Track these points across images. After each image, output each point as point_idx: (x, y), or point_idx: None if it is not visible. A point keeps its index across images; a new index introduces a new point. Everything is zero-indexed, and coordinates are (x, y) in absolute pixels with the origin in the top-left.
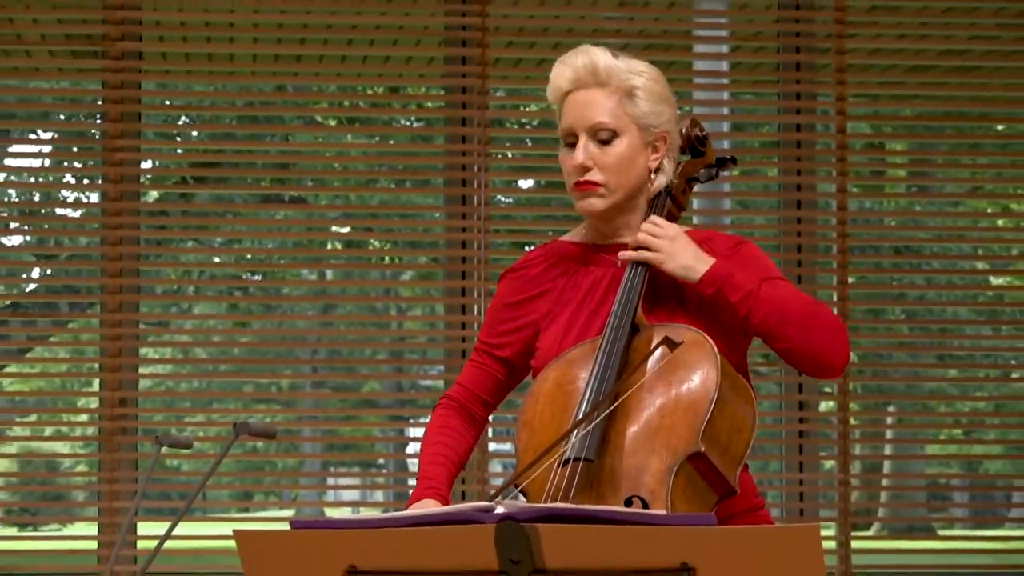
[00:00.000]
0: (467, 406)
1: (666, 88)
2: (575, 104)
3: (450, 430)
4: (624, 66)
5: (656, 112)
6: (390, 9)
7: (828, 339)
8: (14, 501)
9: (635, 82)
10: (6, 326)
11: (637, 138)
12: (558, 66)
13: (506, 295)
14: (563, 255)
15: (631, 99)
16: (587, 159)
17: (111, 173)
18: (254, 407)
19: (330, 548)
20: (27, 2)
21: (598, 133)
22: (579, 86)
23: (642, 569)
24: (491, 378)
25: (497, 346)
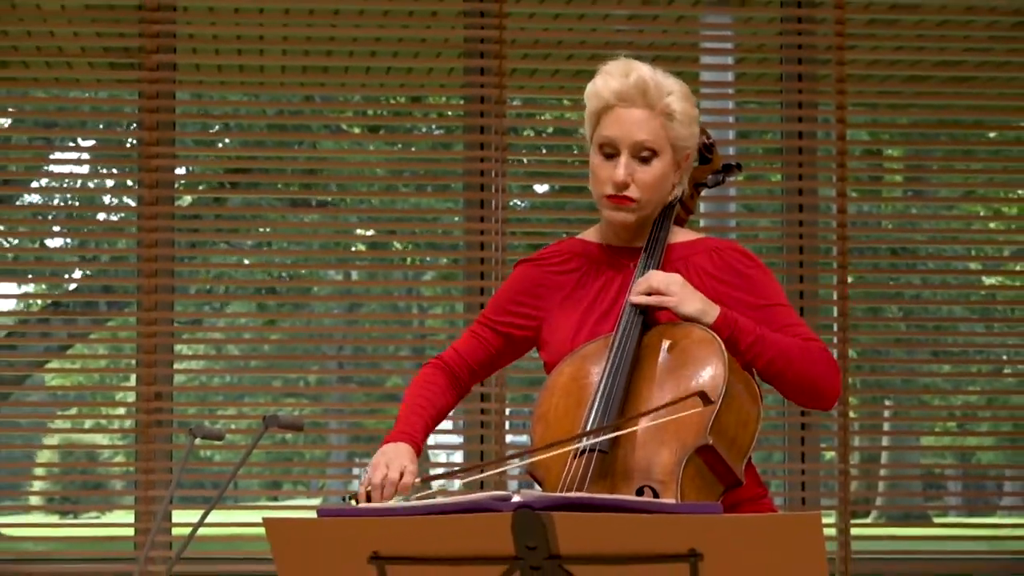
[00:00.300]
0: (455, 370)
1: (695, 106)
2: (621, 120)
3: (435, 386)
4: (664, 86)
5: (690, 134)
6: (412, 23)
7: (823, 378)
8: (55, 490)
9: (675, 105)
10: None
11: (671, 158)
12: (604, 76)
13: (520, 280)
14: (579, 252)
15: (671, 121)
16: (628, 177)
17: (147, 179)
18: (283, 401)
19: (355, 535)
20: (67, 16)
21: (640, 152)
22: (625, 102)
23: (652, 555)
24: (486, 351)
25: (501, 323)
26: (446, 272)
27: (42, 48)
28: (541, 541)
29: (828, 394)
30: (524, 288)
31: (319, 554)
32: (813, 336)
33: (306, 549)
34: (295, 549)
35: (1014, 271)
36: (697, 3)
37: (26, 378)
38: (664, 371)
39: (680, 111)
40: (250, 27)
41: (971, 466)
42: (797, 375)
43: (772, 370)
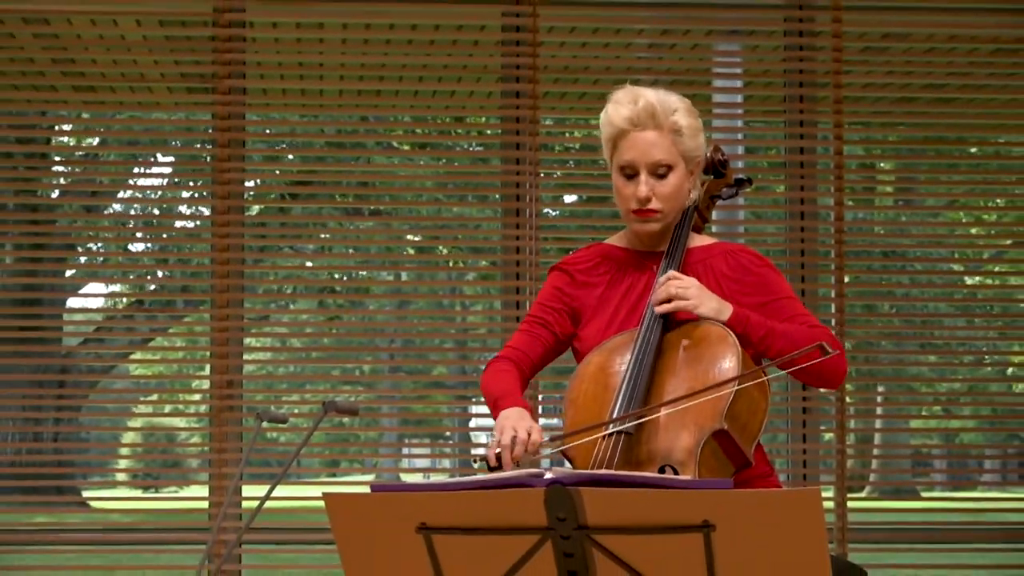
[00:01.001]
0: (520, 364)
1: (698, 118)
2: (637, 143)
3: (510, 374)
4: (669, 105)
5: (697, 145)
6: (455, 51)
7: (828, 361)
8: (139, 467)
9: (681, 121)
10: (132, 320)
11: (684, 168)
12: (615, 105)
13: (557, 283)
14: (607, 256)
15: (680, 137)
16: (649, 193)
17: (219, 191)
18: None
19: (404, 508)
20: (149, 46)
21: (657, 169)
22: (637, 127)
23: (669, 526)
24: (539, 343)
25: (548, 321)
26: (485, 273)
27: (126, 75)
28: (570, 513)
29: (834, 377)
30: (561, 290)
31: (372, 525)
32: (819, 324)
33: (361, 520)
34: (351, 520)
35: (993, 272)
36: (709, 33)
37: (112, 368)
38: (683, 364)
39: (686, 126)
40: (311, 55)
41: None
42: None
43: (782, 357)
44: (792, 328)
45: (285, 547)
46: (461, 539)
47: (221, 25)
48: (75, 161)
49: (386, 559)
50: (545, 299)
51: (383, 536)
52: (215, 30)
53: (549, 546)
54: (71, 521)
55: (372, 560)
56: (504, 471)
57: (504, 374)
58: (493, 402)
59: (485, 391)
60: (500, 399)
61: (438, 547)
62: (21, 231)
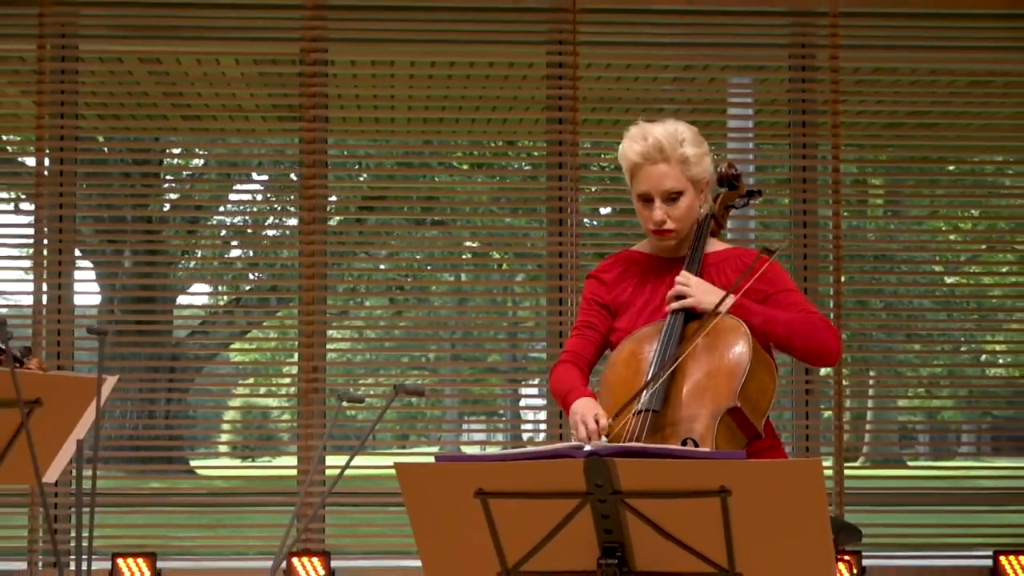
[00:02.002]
0: (579, 364)
1: (702, 143)
2: (650, 175)
3: (574, 373)
4: (674, 137)
5: (702, 169)
6: (507, 84)
7: (825, 341)
8: (238, 440)
9: (688, 151)
10: (232, 315)
11: (693, 191)
12: (628, 142)
13: (592, 288)
14: (634, 260)
15: (687, 165)
16: (664, 216)
17: (305, 204)
18: (408, 372)
19: (464, 476)
20: (245, 80)
21: (669, 196)
22: (648, 161)
23: (691, 491)
24: (591, 344)
25: (595, 324)
26: (532, 275)
27: (226, 106)
28: (606, 480)
29: (830, 353)
30: (597, 294)
31: (436, 490)
32: (815, 312)
33: (427, 486)
34: (419, 486)
35: (969, 272)
36: (724, 68)
37: (215, 356)
38: (703, 350)
39: (692, 154)
40: (383, 88)
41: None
42: (802, 341)
43: (782, 340)
44: (791, 315)
45: (362, 508)
46: (513, 503)
47: (307, 63)
48: (182, 180)
49: (448, 519)
50: (587, 305)
51: (446, 500)
52: (302, 67)
53: (588, 509)
54: (180, 486)
55: (436, 520)
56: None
57: (567, 373)
58: (562, 398)
59: (554, 391)
60: (568, 394)
61: (493, 509)
62: (138, 239)
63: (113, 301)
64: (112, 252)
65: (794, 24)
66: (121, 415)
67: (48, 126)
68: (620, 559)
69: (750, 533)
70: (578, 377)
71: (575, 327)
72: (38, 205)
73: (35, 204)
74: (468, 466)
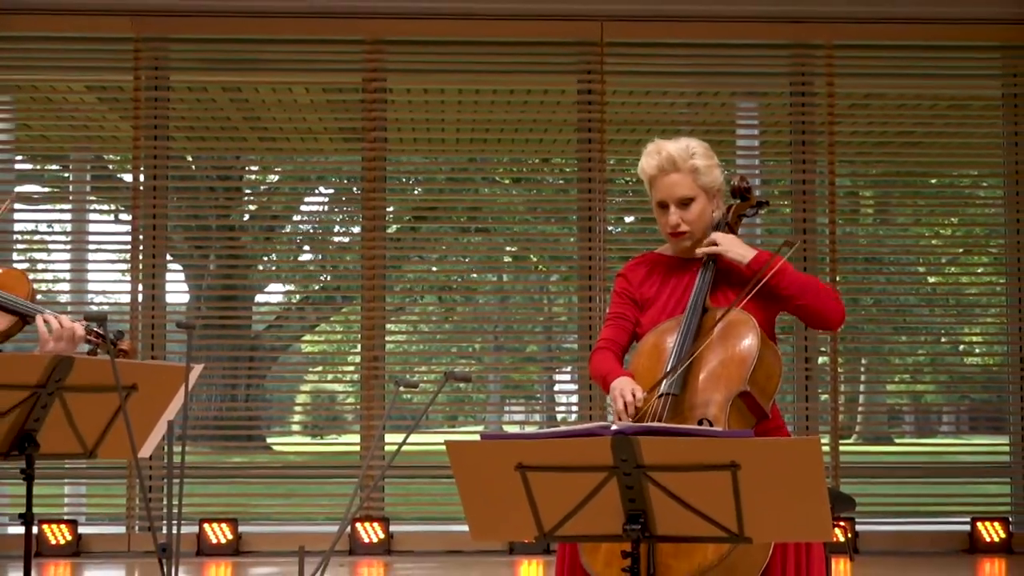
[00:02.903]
0: (611, 348)
1: (713, 156)
2: (665, 185)
3: (606, 355)
4: (686, 151)
5: (712, 178)
6: (542, 109)
7: (829, 302)
8: (308, 420)
9: (697, 163)
10: (303, 311)
11: (704, 198)
12: (646, 158)
13: (622, 284)
14: (657, 261)
15: (697, 175)
16: (679, 220)
17: (367, 214)
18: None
19: (506, 452)
20: (315, 106)
21: (682, 202)
22: (663, 172)
23: (706, 465)
24: (623, 331)
25: (626, 315)
26: (565, 275)
27: (298, 128)
28: (631, 456)
29: (833, 320)
30: (626, 289)
31: (482, 465)
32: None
33: (473, 461)
34: (466, 461)
35: (948, 272)
36: (733, 94)
37: (288, 347)
38: (717, 340)
39: (702, 165)
40: (434, 112)
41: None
42: (812, 302)
43: (794, 298)
44: (806, 277)
45: (416, 480)
46: (548, 475)
47: (368, 91)
48: (259, 193)
49: (492, 489)
50: (618, 299)
51: (490, 473)
52: (364, 95)
53: (614, 481)
54: (258, 460)
55: (481, 490)
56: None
57: (604, 357)
58: (602, 379)
59: (593, 373)
60: (607, 375)
61: (531, 481)
62: (221, 245)
63: (199, 299)
64: (199, 256)
65: (794, 55)
66: (206, 399)
67: (143, 147)
68: (643, 525)
69: (757, 502)
70: (614, 360)
71: (608, 317)
72: (134, 216)
73: (132, 215)
74: (510, 443)
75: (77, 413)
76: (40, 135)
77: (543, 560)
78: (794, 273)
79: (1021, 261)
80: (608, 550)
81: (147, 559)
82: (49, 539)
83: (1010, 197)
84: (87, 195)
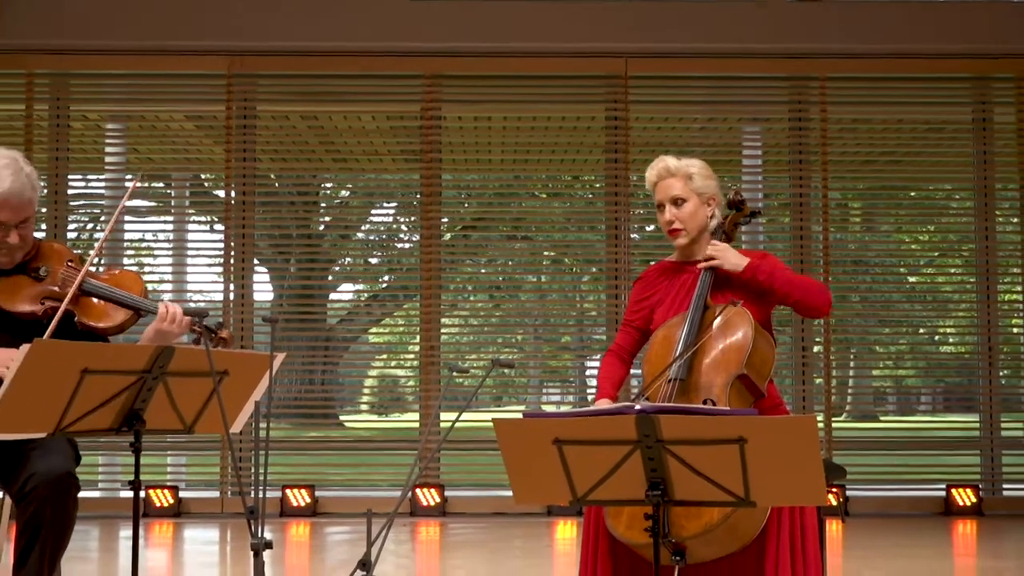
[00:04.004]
0: (623, 355)
1: (710, 172)
2: (662, 188)
3: (614, 368)
4: (684, 164)
5: (705, 185)
6: (575, 133)
7: (816, 295)
8: (374, 400)
9: (692, 171)
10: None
11: (696, 200)
12: (649, 170)
13: (637, 292)
14: (665, 268)
15: (690, 180)
16: (672, 217)
17: (425, 223)
18: (502, 350)
19: (545, 428)
20: (380, 131)
21: (676, 201)
22: (660, 178)
23: (717, 439)
24: (633, 339)
25: (637, 320)
26: (595, 275)
27: (366, 150)
28: (652, 432)
29: (822, 309)
30: (640, 296)
31: (524, 439)
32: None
33: (516, 436)
34: (510, 436)
35: (926, 273)
36: (740, 120)
37: (357, 337)
38: (717, 332)
39: (697, 173)
40: (482, 136)
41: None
42: (801, 297)
43: (783, 292)
44: (792, 275)
45: (467, 452)
46: (581, 448)
47: (425, 119)
48: (333, 206)
49: (532, 461)
50: (631, 306)
51: (531, 446)
52: (421, 122)
53: (638, 453)
54: (332, 435)
55: (524, 461)
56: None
57: (607, 368)
58: (597, 387)
59: (598, 376)
60: (598, 390)
61: (566, 453)
62: (300, 251)
63: (282, 297)
64: (281, 260)
65: (792, 86)
66: (288, 382)
67: (234, 167)
68: (662, 491)
69: (761, 471)
70: (612, 375)
71: (622, 324)
72: (226, 226)
73: (224, 225)
74: (548, 421)
75: (178, 395)
76: (147, 157)
77: (576, 521)
78: (785, 274)
79: (989, 263)
80: (630, 514)
81: (237, 519)
82: (154, 502)
83: (979, 208)
84: (186, 208)
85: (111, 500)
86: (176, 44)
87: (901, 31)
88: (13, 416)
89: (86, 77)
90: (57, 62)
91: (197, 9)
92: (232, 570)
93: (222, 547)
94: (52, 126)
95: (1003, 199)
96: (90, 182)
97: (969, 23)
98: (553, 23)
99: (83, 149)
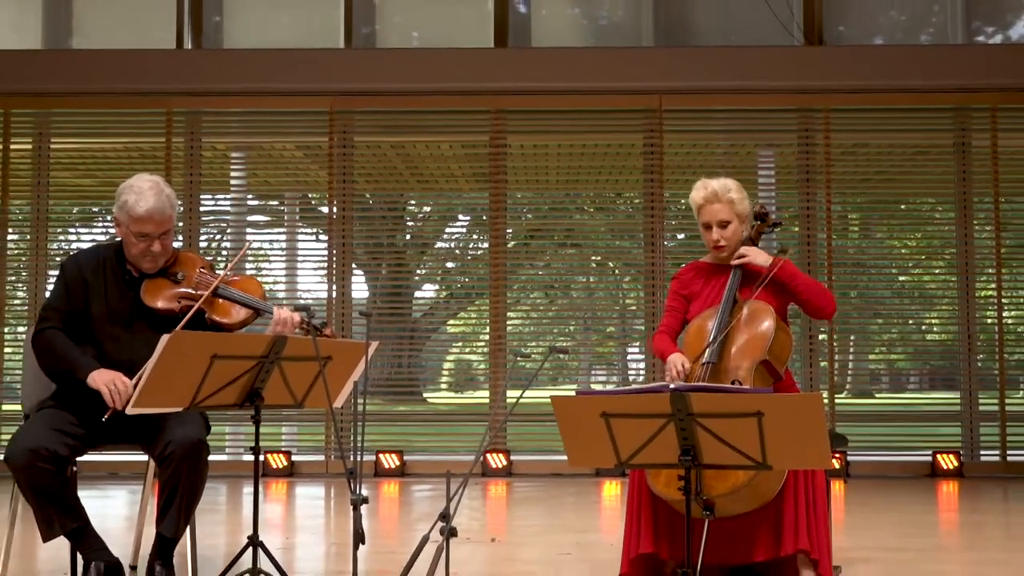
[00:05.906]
0: (669, 332)
1: (743, 191)
2: (709, 211)
3: (666, 341)
4: (724, 188)
5: (743, 207)
6: (617, 158)
7: (825, 299)
8: (453, 380)
9: (734, 196)
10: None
11: (737, 221)
12: (696, 191)
13: (676, 285)
14: (702, 268)
15: (732, 204)
16: (719, 236)
17: (493, 233)
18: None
19: (594, 404)
20: (454, 156)
21: (722, 224)
22: (708, 202)
23: (739, 413)
24: (677, 320)
25: (677, 308)
26: (634, 277)
27: (444, 173)
28: (684, 407)
29: (827, 312)
30: (680, 289)
31: (577, 414)
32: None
33: (570, 410)
34: (565, 410)
35: (914, 273)
36: (756, 145)
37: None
38: (744, 323)
39: (737, 198)
40: (540, 160)
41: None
42: (814, 298)
43: (800, 294)
44: (809, 280)
45: (529, 423)
46: (625, 420)
47: (493, 146)
48: (417, 220)
49: (584, 432)
50: (673, 295)
51: (583, 419)
52: (490, 149)
53: (672, 425)
54: (417, 409)
55: (577, 432)
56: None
57: (662, 339)
58: (660, 353)
59: (655, 350)
60: (665, 351)
61: (612, 424)
62: (390, 257)
63: (375, 295)
64: (374, 265)
65: (800, 118)
66: (380, 365)
67: (335, 188)
68: (692, 456)
69: (776, 440)
70: (670, 342)
71: (667, 309)
72: (329, 237)
73: (328, 236)
74: (597, 398)
75: (290, 376)
76: (264, 180)
77: (620, 481)
78: (805, 277)
79: (968, 265)
80: (667, 475)
81: (339, 479)
82: (272, 464)
83: (959, 219)
84: (296, 222)
85: (236, 463)
86: (288, 87)
87: (893, 70)
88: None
89: (214, 115)
90: (191, 102)
91: (304, 60)
92: (335, 520)
93: (327, 502)
94: (187, 155)
95: (980, 210)
96: (218, 201)
97: (951, 62)
98: (599, 66)
99: (212, 174)
